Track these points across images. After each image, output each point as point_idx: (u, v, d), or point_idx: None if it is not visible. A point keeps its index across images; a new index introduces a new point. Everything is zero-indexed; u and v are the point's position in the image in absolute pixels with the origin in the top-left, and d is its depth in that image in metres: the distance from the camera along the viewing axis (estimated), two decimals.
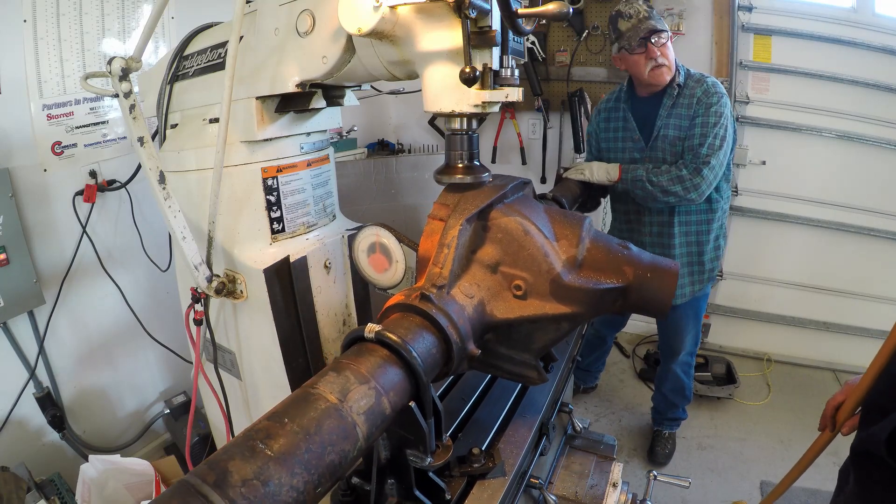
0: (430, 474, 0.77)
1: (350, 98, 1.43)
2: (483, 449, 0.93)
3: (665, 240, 2.13)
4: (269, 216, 1.39)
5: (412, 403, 0.67)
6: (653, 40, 1.89)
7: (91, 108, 2.08)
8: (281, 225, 1.42)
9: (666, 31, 1.91)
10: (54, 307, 2.02)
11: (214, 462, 0.49)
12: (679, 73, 1.99)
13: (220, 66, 1.32)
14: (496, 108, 0.95)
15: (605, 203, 2.48)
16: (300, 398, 0.59)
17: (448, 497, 0.80)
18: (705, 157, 1.89)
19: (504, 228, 0.90)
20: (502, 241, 0.90)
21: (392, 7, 0.87)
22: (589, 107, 3.22)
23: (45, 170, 1.97)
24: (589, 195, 2.00)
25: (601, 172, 1.98)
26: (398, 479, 0.75)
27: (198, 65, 1.42)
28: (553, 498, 1.07)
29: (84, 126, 2.07)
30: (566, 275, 0.87)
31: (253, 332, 1.45)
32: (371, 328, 0.69)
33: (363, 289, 1.58)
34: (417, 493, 0.75)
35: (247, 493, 0.46)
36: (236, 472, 0.48)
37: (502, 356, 0.93)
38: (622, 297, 0.90)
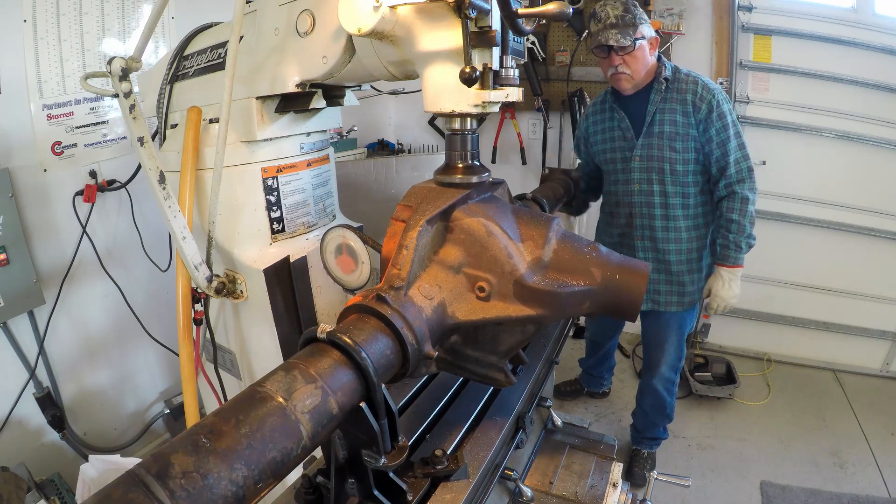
0: (391, 475, 0.76)
1: (350, 98, 1.43)
2: (449, 450, 0.91)
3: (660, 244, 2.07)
4: (270, 216, 1.39)
5: (363, 404, 0.67)
6: (614, 49, 1.85)
7: (91, 108, 2.08)
8: (281, 225, 1.42)
9: (626, 46, 1.82)
10: (54, 307, 2.02)
11: (159, 455, 0.52)
12: (665, 67, 1.96)
13: (220, 66, 1.32)
14: (496, 108, 0.95)
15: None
16: (247, 396, 0.60)
17: (410, 498, 0.79)
18: (741, 169, 1.93)
19: (467, 229, 0.89)
20: (465, 242, 0.89)
21: (392, 7, 0.88)
22: None
23: (45, 170, 1.97)
24: (576, 196, 1.97)
25: (731, 293, 2.00)
26: (357, 478, 0.74)
27: (198, 65, 1.42)
28: (528, 490, 1.06)
29: (84, 126, 2.07)
30: (530, 276, 0.87)
31: (253, 332, 1.45)
32: (323, 328, 0.69)
33: None
34: (377, 493, 0.74)
35: (186, 485, 0.49)
36: (178, 464, 0.50)
37: (469, 358, 0.93)
38: (590, 299, 0.89)
